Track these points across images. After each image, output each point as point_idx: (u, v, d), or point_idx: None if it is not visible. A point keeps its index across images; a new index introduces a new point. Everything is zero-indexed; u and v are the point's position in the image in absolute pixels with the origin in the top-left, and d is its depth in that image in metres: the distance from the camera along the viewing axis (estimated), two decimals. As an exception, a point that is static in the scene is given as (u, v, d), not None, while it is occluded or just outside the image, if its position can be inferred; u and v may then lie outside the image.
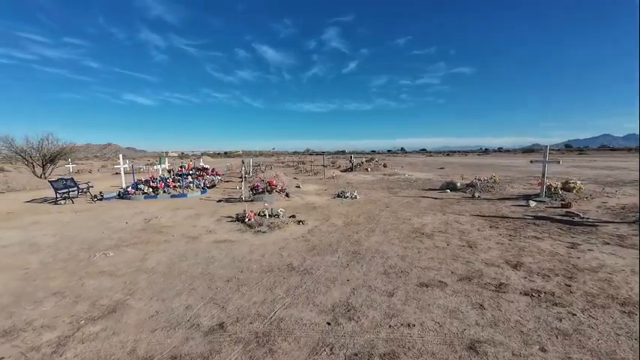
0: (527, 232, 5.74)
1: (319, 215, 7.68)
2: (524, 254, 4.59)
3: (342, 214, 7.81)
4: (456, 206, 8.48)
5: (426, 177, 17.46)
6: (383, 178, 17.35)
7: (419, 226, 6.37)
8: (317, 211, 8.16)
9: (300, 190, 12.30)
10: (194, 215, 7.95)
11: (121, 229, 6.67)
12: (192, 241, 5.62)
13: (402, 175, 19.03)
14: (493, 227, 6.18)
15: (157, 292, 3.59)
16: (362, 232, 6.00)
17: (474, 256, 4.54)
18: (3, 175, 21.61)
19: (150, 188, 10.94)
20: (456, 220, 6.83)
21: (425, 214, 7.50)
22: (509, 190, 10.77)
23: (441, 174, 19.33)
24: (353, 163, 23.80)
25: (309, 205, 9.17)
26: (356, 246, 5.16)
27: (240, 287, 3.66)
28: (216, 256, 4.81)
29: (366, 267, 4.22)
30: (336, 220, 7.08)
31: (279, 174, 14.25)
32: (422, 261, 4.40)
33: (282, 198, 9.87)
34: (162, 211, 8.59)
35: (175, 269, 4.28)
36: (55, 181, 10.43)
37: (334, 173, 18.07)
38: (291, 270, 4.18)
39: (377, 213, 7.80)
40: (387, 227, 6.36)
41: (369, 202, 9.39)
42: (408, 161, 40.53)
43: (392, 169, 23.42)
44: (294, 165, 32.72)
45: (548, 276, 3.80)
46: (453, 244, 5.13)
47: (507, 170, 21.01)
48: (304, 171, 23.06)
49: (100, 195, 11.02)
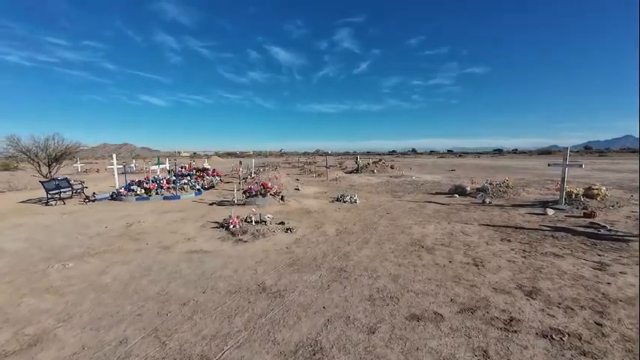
0: (545, 248, 4.96)
1: (312, 222, 7.06)
2: (542, 277, 3.84)
3: (336, 220, 7.17)
4: (463, 213, 7.70)
5: (435, 179, 16.58)
6: (389, 180, 16.58)
7: (419, 237, 5.66)
8: (310, 217, 7.54)
9: (299, 193, 11.71)
10: (180, 220, 7.47)
11: (97, 234, 6.23)
12: (165, 251, 5.10)
13: (409, 177, 18.19)
14: (504, 240, 5.42)
15: (96, 317, 3.05)
16: (354, 244, 5.35)
17: (480, 278, 3.83)
18: (9, 174, 21.93)
19: (142, 189, 10.57)
20: (462, 231, 6.09)
21: (428, 223, 6.77)
22: (523, 196, 9.87)
23: (451, 176, 18.39)
24: (359, 164, 23.08)
25: (304, 209, 8.57)
26: (343, 261, 4.52)
27: (195, 314, 3.09)
28: (183, 270, 4.26)
29: (350, 289, 3.58)
30: (329, 228, 6.44)
31: (278, 175, 13.72)
32: (417, 283, 3.72)
33: (276, 202, 9.30)
34: (148, 214, 8.16)
35: (132, 287, 3.75)
36: (46, 182, 10.19)
37: (337, 175, 17.42)
38: (261, 291, 3.58)
39: (375, 220, 7.12)
40: (384, 238, 5.69)
41: (369, 208, 8.71)
42: (418, 162, 39.41)
43: (399, 171, 22.56)
44: (300, 166, 32.21)
45: (571, 309, 3.07)
46: (455, 262, 4.42)
47: (522, 173, 19.86)
48: (308, 172, 22.48)
49: (93, 196, 10.75)
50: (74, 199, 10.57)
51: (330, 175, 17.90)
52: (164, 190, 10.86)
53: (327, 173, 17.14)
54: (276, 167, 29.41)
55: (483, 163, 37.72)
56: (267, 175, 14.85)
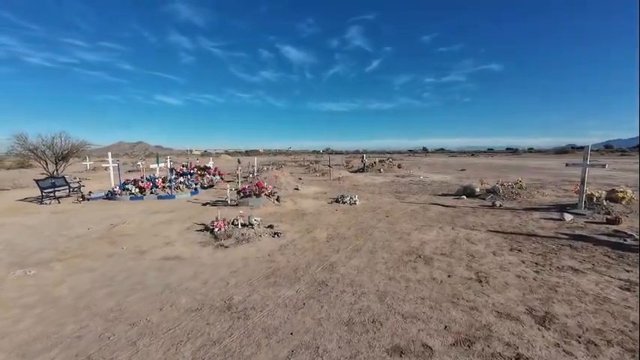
0: (562, 260, 4.32)
1: (304, 225, 6.59)
2: (557, 298, 3.25)
3: (331, 224, 6.66)
4: (470, 217, 7.06)
5: (443, 179, 15.83)
6: (394, 180, 15.92)
7: (417, 245, 5.10)
8: (304, 220, 7.06)
9: (298, 193, 11.25)
10: (167, 221, 7.12)
11: (77, 236, 5.93)
12: (138, 257, 4.72)
13: (416, 177, 17.48)
14: (515, 250, 4.80)
15: (30, 339, 2.66)
16: (344, 252, 4.84)
17: (483, 299, 3.26)
18: (18, 171, 22.30)
19: (137, 189, 10.33)
20: (467, 238, 5.49)
21: (429, 228, 6.19)
22: (538, 198, 9.11)
23: (460, 176, 17.56)
24: (365, 163, 22.45)
25: (299, 211, 8.09)
26: (327, 272, 4.02)
27: (141, 338, 2.66)
28: (148, 280, 3.86)
29: (327, 309, 3.09)
30: (320, 233, 5.95)
31: (278, 175, 13.30)
32: (407, 303, 3.19)
33: (271, 202, 8.86)
34: (137, 214, 7.85)
35: (85, 300, 3.36)
36: (41, 180, 10.06)
37: (341, 174, 16.87)
38: (226, 309, 3.12)
39: (372, 224, 6.58)
40: (378, 245, 5.15)
41: (368, 210, 8.16)
42: (427, 161, 38.38)
43: (407, 170, 21.82)
44: (306, 165, 31.77)
45: (595, 344, 2.49)
46: (456, 276, 3.86)
47: (537, 173, 18.82)
48: (313, 171, 22.00)
49: (89, 194, 10.59)
50: (71, 198, 10.42)
51: (334, 175, 17.37)
52: (159, 189, 10.59)
53: (330, 172, 16.62)
54: (281, 166, 29.06)
55: (496, 162, 36.37)
56: (269, 174, 14.46)
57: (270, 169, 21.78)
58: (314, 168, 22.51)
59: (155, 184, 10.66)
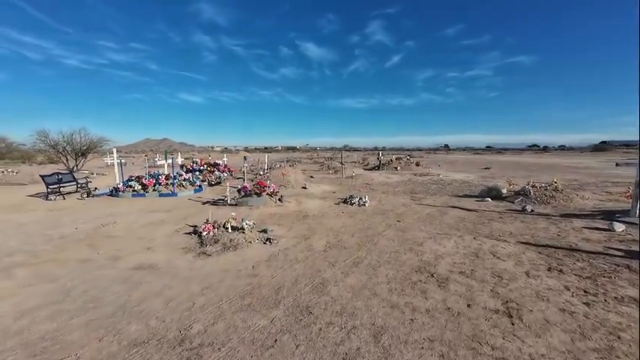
0: (619, 288, 3.36)
1: (303, 230, 5.90)
2: (622, 350, 2.35)
3: (333, 229, 5.93)
4: (496, 224, 6.09)
5: (465, 179, 14.60)
6: (411, 179, 14.89)
7: (431, 259, 4.27)
8: (304, 224, 6.38)
9: (304, 192, 10.58)
10: (159, 222, 6.67)
11: (61, 237, 5.58)
12: (109, 265, 4.22)
13: (435, 175, 16.31)
14: (554, 270, 3.86)
15: None
16: (341, 265, 4.10)
17: (515, 345, 2.42)
18: (43, 167, 23.12)
19: (140, 186, 10.06)
20: (492, 251, 4.58)
21: (446, 237, 5.31)
22: (577, 202, 7.90)
23: (485, 175, 16.20)
24: (381, 160, 21.43)
25: (301, 213, 7.42)
26: (316, 294, 3.31)
27: (58, 385, 2.07)
28: (106, 297, 3.31)
29: (303, 351, 2.37)
30: (319, 241, 5.23)
31: (285, 172, 12.70)
32: (409, 347, 2.41)
33: (272, 203, 8.24)
34: (132, 213, 7.48)
35: (23, 322, 2.84)
36: (47, 176, 10.00)
37: (354, 172, 16.02)
38: (176, 344, 2.49)
39: (380, 230, 5.78)
40: (383, 257, 4.36)
41: (378, 213, 7.34)
42: (448, 159, 36.56)
43: (425, 168, 20.60)
44: (321, 162, 31.08)
45: None
46: (477, 305, 3.02)
47: (572, 172, 17.06)
48: (326, 168, 21.27)
49: (94, 191, 10.47)
50: (78, 194, 10.32)
51: (347, 173, 16.55)
52: (161, 186, 10.27)
53: (342, 170, 15.83)
54: (295, 163, 28.58)
55: (524, 160, 33.95)
56: (277, 172, 13.90)
57: (283, 166, 21.30)
58: (327, 165, 21.77)
59: (158, 181, 10.36)
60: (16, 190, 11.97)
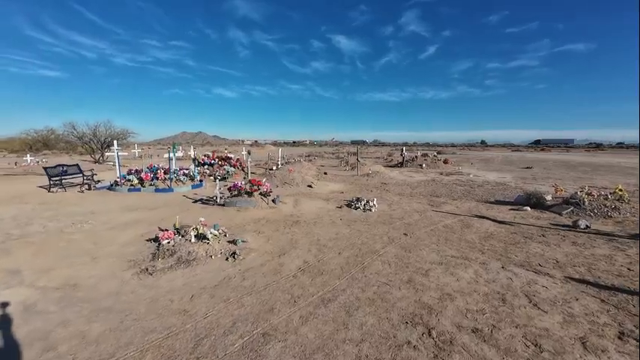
0: None
1: (283, 241, 4.87)
2: None
3: (320, 242, 4.83)
4: (535, 247, 4.61)
5: (500, 180, 12.66)
6: (435, 178, 13.23)
7: (434, 301, 3.03)
8: (289, 233, 5.34)
9: (309, 192, 9.53)
10: (132, 222, 5.99)
11: (21, 236, 5.06)
12: (31, 281, 3.49)
13: (464, 175, 14.46)
14: (628, 339, 2.46)
15: None
16: (304, 303, 3.01)
17: None
18: (79, 156, 24.19)
19: (137, 180, 9.63)
20: (527, 292, 3.21)
21: (464, 263, 3.98)
22: (652, 218, 6.04)
23: (524, 176, 14.04)
24: (404, 157, 19.72)
25: (293, 218, 6.39)
26: (246, 356, 2.26)
27: None
28: (-20, 334, 2.52)
29: None
30: (295, 260, 4.16)
31: (292, 169, 11.72)
32: None
33: (264, 204, 7.27)
34: (112, 211, 6.92)
35: None
36: (50, 168, 9.91)
37: (371, 169, 14.63)
38: None
39: (378, 248, 4.58)
40: (367, 293, 3.20)
41: (384, 221, 6.10)
42: (483, 156, 33.43)
43: (454, 166, 18.59)
44: (342, 157, 29.81)
45: None
46: (495, 412, 1.79)
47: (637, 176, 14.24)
48: (345, 164, 20.00)
49: (97, 184, 10.27)
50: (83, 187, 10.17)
51: (364, 170, 15.21)
52: (159, 181, 9.77)
53: (357, 167, 14.52)
54: (314, 158, 27.61)
55: (573, 159, 29.91)
56: (286, 167, 12.99)
57: (300, 160, 20.38)
58: (346, 161, 20.48)
59: (156, 175, 9.87)
60: (36, 180, 12.19)
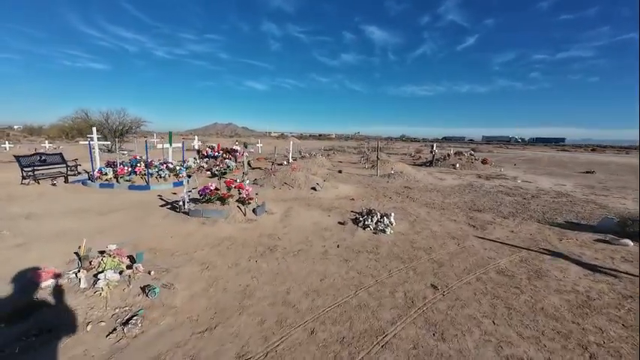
0: None
1: (230, 295, 3.00)
2: None
3: (287, 302, 2.91)
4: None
5: (559, 188, 9.93)
6: (472, 183, 10.73)
7: None
8: (250, 272, 3.47)
9: (309, 197, 7.60)
10: (62, 234, 4.43)
11: None
12: None
13: (510, 179, 11.78)
14: None
15: None
16: None
17: None
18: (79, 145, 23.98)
19: (112, 174, 8.25)
20: None
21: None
22: None
23: (590, 184, 11.08)
24: (434, 154, 17.12)
25: (272, 240, 4.51)
26: None
27: None
28: None
29: None
30: (227, 347, 2.29)
31: (295, 166, 9.83)
32: None
33: (239, 215, 5.43)
34: (55, 215, 5.45)
35: None
36: (22, 157, 8.76)
37: (394, 169, 12.34)
38: None
39: (383, 325, 2.57)
40: None
41: (400, 257, 4.04)
42: (527, 156, 29.47)
43: (495, 168, 15.75)
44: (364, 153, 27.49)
45: None
46: None
47: None
48: (365, 161, 17.78)
49: (76, 176, 9.07)
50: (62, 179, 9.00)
51: (386, 168, 12.94)
52: (137, 175, 8.33)
53: (377, 166, 12.33)
54: (333, 153, 25.59)
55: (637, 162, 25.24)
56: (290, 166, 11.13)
57: (317, 155, 18.46)
58: (366, 157, 18.24)
59: (134, 169, 8.43)
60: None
